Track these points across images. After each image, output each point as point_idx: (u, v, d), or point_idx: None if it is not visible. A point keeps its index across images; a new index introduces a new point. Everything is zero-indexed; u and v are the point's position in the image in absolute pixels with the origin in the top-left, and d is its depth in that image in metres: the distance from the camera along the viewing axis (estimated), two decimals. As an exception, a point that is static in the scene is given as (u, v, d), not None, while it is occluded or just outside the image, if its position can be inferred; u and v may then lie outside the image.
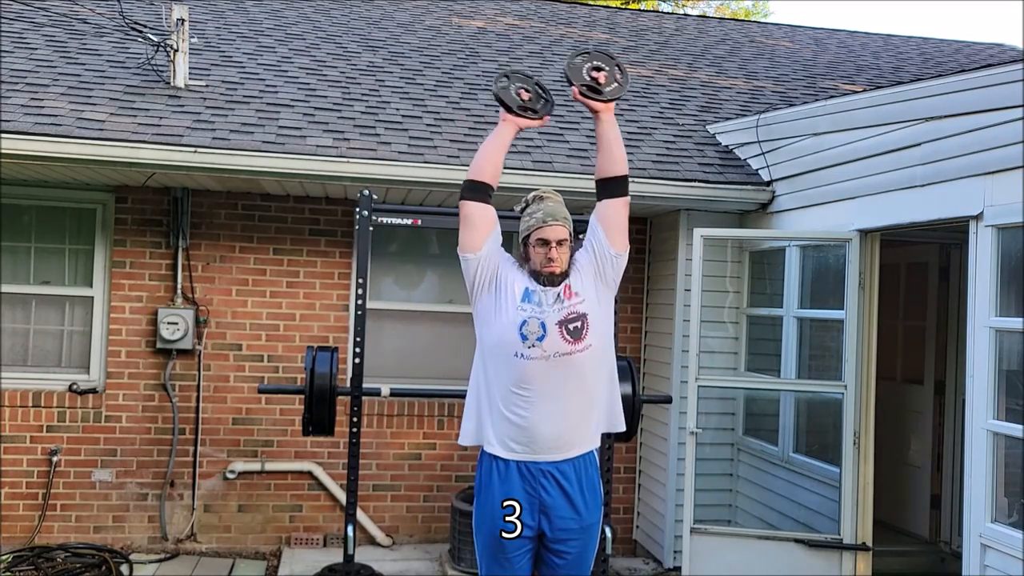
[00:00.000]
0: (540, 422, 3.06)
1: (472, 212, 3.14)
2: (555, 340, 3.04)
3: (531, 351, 3.04)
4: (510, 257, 3.22)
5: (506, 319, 3.08)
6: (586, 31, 9.96)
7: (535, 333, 3.04)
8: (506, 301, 3.10)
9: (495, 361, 3.11)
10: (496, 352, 3.10)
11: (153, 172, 5.49)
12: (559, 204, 3.21)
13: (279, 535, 6.22)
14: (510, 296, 3.10)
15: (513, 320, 3.06)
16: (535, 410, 3.06)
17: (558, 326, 3.05)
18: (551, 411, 3.06)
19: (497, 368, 3.10)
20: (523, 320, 3.05)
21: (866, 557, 5.07)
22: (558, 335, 3.04)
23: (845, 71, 9.22)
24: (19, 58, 6.32)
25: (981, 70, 4.26)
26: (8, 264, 6.06)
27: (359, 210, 4.87)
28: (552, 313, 3.06)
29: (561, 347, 3.04)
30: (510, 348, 3.06)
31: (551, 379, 3.05)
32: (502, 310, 3.10)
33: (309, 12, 9.11)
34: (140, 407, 6.09)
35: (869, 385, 5.10)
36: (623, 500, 6.60)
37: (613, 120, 3.18)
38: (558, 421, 3.07)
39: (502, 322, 3.08)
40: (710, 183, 5.83)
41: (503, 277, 3.14)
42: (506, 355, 3.07)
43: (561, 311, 3.07)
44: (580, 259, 3.20)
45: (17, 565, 5.39)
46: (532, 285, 3.12)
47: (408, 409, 6.33)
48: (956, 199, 4.25)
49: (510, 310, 3.08)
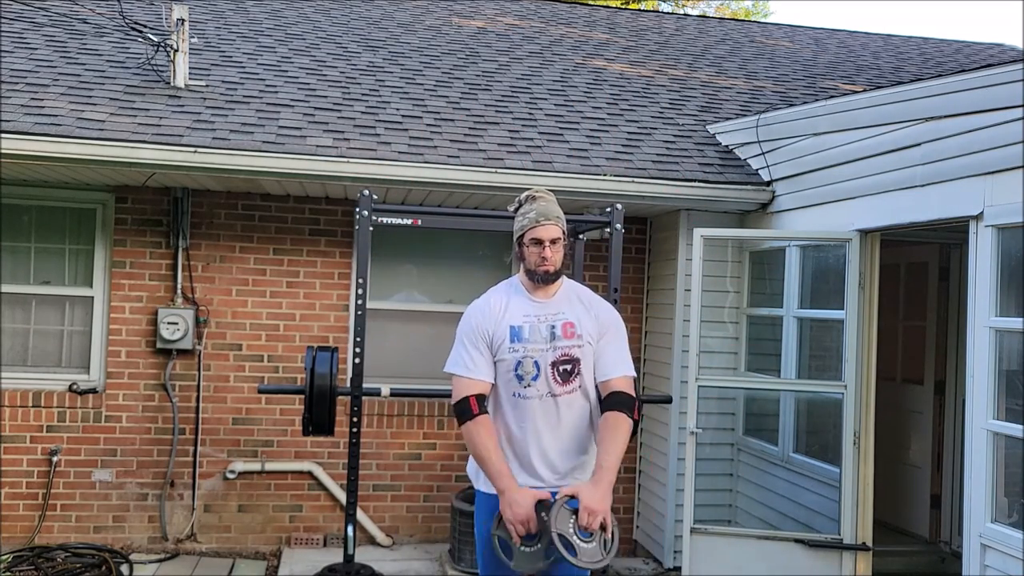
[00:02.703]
0: (536, 458, 3.12)
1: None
2: (547, 381, 3.10)
3: (527, 391, 3.11)
4: (488, 310, 3.19)
5: (503, 365, 3.13)
6: (586, 31, 9.96)
7: (530, 373, 3.10)
8: (500, 349, 3.13)
9: (500, 401, 3.16)
10: (500, 392, 3.16)
11: (153, 172, 5.49)
12: (551, 203, 3.21)
13: (279, 535, 6.22)
14: (502, 343, 3.13)
15: (508, 364, 3.12)
16: (532, 448, 3.12)
17: (551, 367, 3.10)
18: (547, 447, 3.13)
19: (502, 407, 3.16)
20: (518, 361, 3.11)
21: (866, 557, 5.06)
22: (550, 376, 3.10)
23: (845, 71, 9.22)
24: (19, 58, 6.32)
25: (981, 70, 4.26)
26: (8, 264, 6.06)
27: (359, 210, 4.87)
28: (547, 353, 3.11)
29: (552, 388, 3.11)
30: (509, 389, 3.13)
31: (543, 416, 3.11)
32: (498, 358, 3.14)
33: (309, 12, 9.11)
34: (140, 407, 6.09)
35: (869, 385, 5.10)
36: (623, 500, 6.60)
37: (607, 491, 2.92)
38: (555, 455, 3.13)
39: (501, 368, 3.14)
40: (710, 183, 5.83)
41: (494, 333, 3.15)
42: (506, 396, 3.14)
43: (556, 351, 3.11)
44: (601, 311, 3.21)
45: (17, 565, 5.39)
46: (516, 315, 3.13)
47: (408, 409, 6.33)
48: (956, 199, 4.25)
49: (504, 354, 3.12)
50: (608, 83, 7.80)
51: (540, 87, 7.44)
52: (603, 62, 8.56)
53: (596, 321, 3.18)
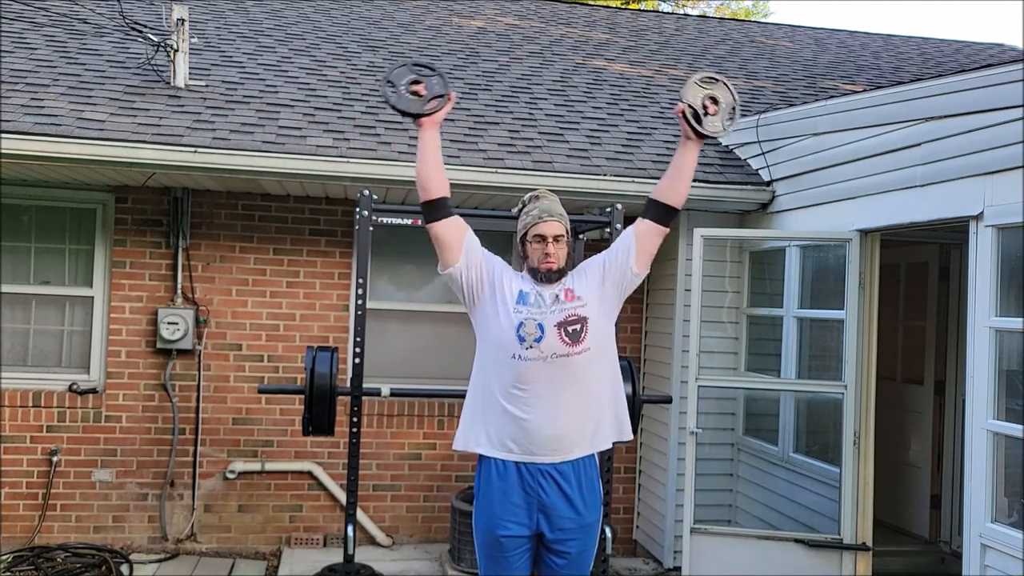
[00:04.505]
0: (538, 422, 3.06)
1: (439, 232, 3.14)
2: (553, 342, 3.04)
3: (528, 352, 3.04)
4: (501, 260, 3.21)
5: (504, 321, 3.08)
6: (586, 31, 9.97)
7: (532, 334, 3.04)
8: (503, 303, 3.10)
9: (494, 362, 3.11)
10: (495, 354, 3.11)
11: (153, 172, 5.49)
12: (554, 202, 3.22)
13: (279, 535, 6.22)
14: (506, 298, 3.11)
15: (510, 322, 3.07)
16: (533, 411, 3.05)
17: (557, 328, 3.05)
18: (549, 412, 3.06)
19: (497, 369, 3.10)
20: (520, 322, 3.06)
21: (866, 557, 5.07)
22: (556, 337, 3.04)
23: (845, 71, 9.22)
24: (19, 58, 6.32)
25: (981, 70, 4.26)
26: (8, 264, 6.06)
27: (359, 210, 4.87)
28: (551, 315, 3.06)
29: (559, 348, 3.04)
30: (508, 350, 3.06)
31: (549, 380, 3.05)
32: (499, 313, 3.10)
33: (309, 12, 9.11)
34: (140, 407, 6.09)
35: (869, 385, 5.10)
36: (623, 500, 6.60)
37: (696, 155, 3.12)
38: (556, 422, 3.07)
39: (500, 324, 3.09)
40: (710, 183, 5.83)
41: (497, 279, 3.14)
42: (504, 356, 3.07)
43: (561, 313, 3.07)
44: (590, 263, 3.20)
45: (17, 565, 5.39)
46: (527, 286, 3.13)
47: (408, 409, 6.33)
48: (956, 199, 4.25)
49: (508, 312, 3.08)
50: (608, 83, 7.80)
51: (540, 87, 7.44)
52: (603, 62, 8.56)
53: (586, 277, 3.15)
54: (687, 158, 3.10)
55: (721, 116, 3.05)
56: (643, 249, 3.15)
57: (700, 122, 3.03)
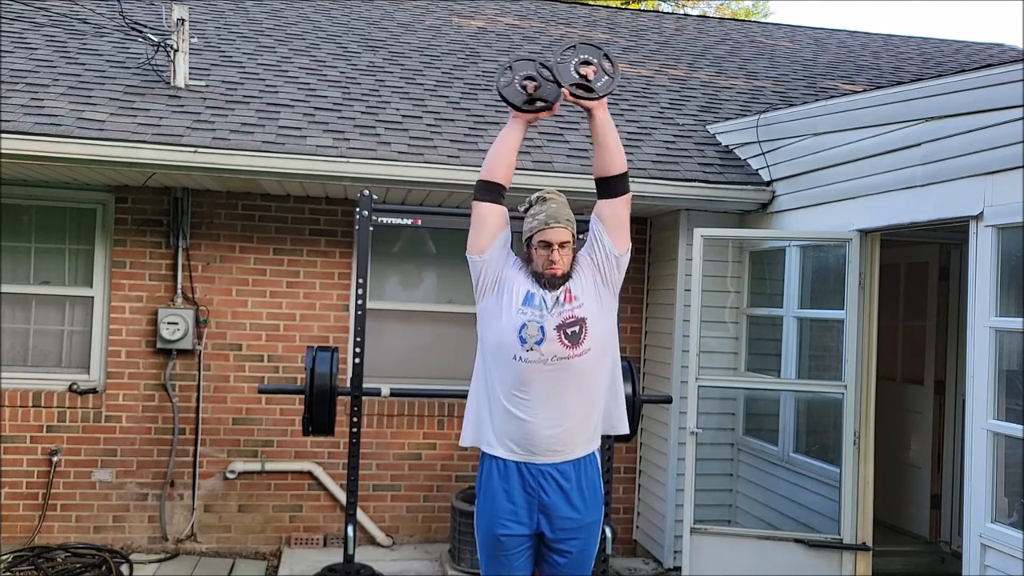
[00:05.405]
0: (538, 424, 3.06)
1: (484, 213, 3.14)
2: (553, 345, 3.04)
3: (529, 354, 3.04)
4: (516, 259, 3.21)
5: (507, 322, 3.07)
6: (586, 31, 9.96)
7: (534, 337, 3.04)
8: (508, 304, 3.10)
9: (495, 362, 3.11)
10: (496, 354, 3.11)
11: (153, 172, 5.49)
12: (562, 205, 3.19)
13: (279, 535, 6.22)
14: (512, 299, 3.10)
15: (513, 323, 3.06)
16: (533, 412, 3.05)
17: (556, 331, 3.04)
18: (549, 414, 3.06)
19: (498, 369, 3.11)
20: (523, 323, 3.05)
21: (866, 557, 5.07)
22: (556, 340, 3.04)
23: (845, 71, 9.22)
24: (19, 58, 6.32)
25: (981, 70, 4.26)
26: (8, 264, 6.06)
27: (359, 210, 4.87)
28: (551, 317, 3.06)
29: (559, 351, 3.04)
30: (509, 351, 3.06)
31: (549, 383, 3.05)
32: (503, 313, 3.10)
33: (309, 12, 9.11)
34: (140, 407, 6.09)
35: (869, 385, 5.10)
36: (623, 500, 6.60)
37: (607, 116, 3.10)
38: (557, 423, 3.07)
39: (502, 325, 3.08)
40: (710, 183, 5.83)
41: (506, 280, 3.14)
42: (505, 357, 3.07)
43: (560, 315, 3.06)
44: (580, 261, 3.19)
45: (17, 565, 5.39)
46: (534, 288, 3.12)
47: (408, 409, 6.33)
48: (956, 199, 4.25)
49: (511, 313, 3.08)
50: (608, 83, 7.79)
51: (540, 87, 7.42)
52: (603, 62, 8.55)
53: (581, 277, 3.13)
54: (601, 126, 3.09)
55: (600, 70, 3.04)
56: (613, 227, 3.13)
57: (591, 90, 3.02)
